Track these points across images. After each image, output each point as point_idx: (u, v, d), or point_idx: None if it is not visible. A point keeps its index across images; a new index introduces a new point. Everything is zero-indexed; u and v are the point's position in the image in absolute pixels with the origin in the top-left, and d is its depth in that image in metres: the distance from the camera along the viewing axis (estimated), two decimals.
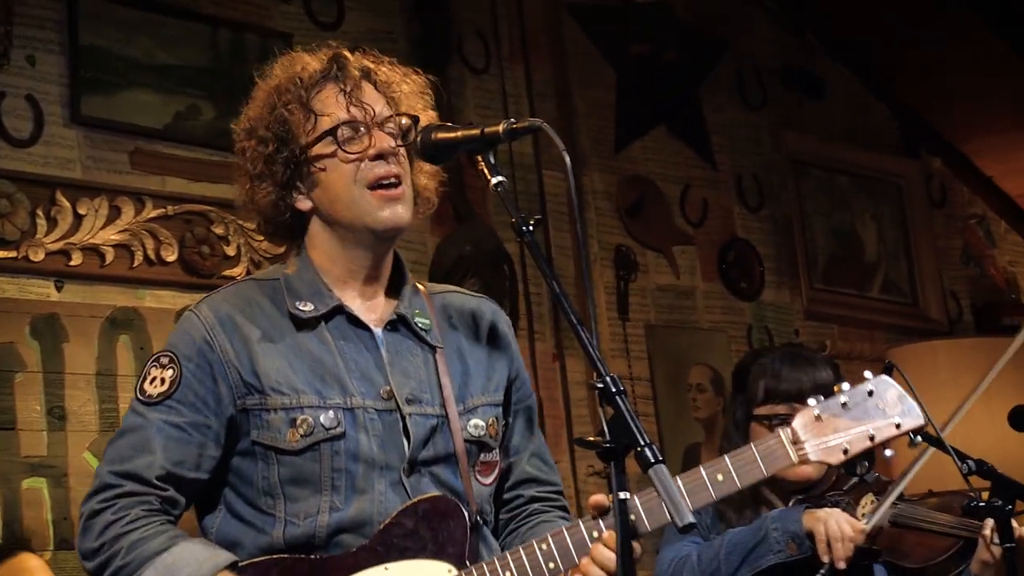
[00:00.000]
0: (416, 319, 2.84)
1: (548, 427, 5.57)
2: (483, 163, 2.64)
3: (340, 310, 2.79)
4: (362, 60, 2.85)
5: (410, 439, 2.74)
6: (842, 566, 3.67)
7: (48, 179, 4.46)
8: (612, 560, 2.57)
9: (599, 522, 2.65)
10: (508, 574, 2.65)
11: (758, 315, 6.56)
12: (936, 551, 3.84)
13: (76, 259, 4.45)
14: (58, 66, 4.58)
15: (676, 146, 6.48)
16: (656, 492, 2.24)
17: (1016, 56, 6.83)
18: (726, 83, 6.80)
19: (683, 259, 6.35)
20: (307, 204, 2.81)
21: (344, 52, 2.85)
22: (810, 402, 2.80)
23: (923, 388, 3.69)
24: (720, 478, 2.70)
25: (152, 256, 4.60)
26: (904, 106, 7.41)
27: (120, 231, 4.55)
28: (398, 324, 2.83)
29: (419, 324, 2.84)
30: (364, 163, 2.76)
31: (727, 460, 2.72)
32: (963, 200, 7.72)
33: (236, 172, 2.88)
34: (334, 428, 2.68)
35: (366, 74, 2.83)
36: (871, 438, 2.79)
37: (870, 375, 2.86)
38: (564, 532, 2.66)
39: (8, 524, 4.17)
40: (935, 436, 3.62)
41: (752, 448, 2.74)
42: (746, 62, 6.89)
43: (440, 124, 2.75)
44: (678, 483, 2.62)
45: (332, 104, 2.79)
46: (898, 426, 2.81)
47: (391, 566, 2.66)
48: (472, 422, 2.82)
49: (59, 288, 4.43)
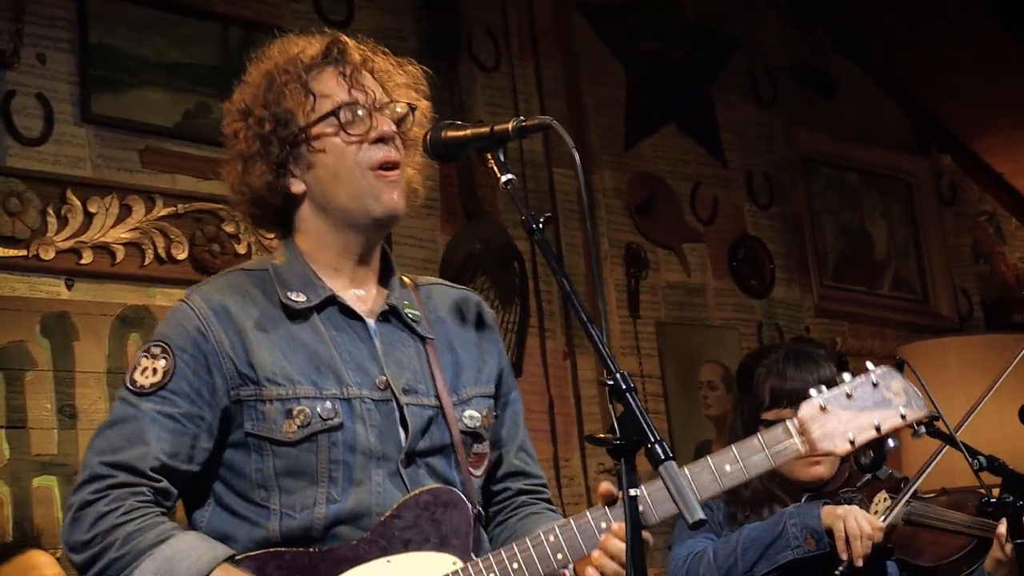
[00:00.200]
0: (406, 310, 2.82)
1: (559, 425, 5.58)
2: (493, 161, 2.63)
3: (332, 300, 2.76)
4: (360, 47, 2.84)
5: (408, 430, 2.71)
6: (860, 563, 3.66)
7: (58, 177, 4.47)
8: (623, 551, 2.56)
9: (607, 512, 2.64)
10: (516, 565, 2.62)
11: (768, 312, 6.56)
12: (950, 550, 3.83)
13: (86, 257, 4.46)
14: (68, 64, 4.59)
15: (686, 144, 6.48)
16: (666, 488, 2.24)
17: None
18: (738, 81, 6.79)
19: (693, 256, 6.35)
20: (300, 187, 2.77)
21: (343, 37, 2.84)
22: (813, 392, 2.80)
23: (934, 385, 3.69)
24: (728, 468, 2.69)
25: (162, 254, 4.61)
26: (914, 104, 7.40)
27: (130, 229, 4.56)
28: (389, 315, 2.80)
29: (410, 315, 2.82)
30: (364, 146, 2.73)
31: (734, 450, 2.71)
32: (973, 197, 7.71)
33: (226, 155, 2.83)
34: (331, 419, 2.65)
35: (364, 60, 2.82)
36: (877, 428, 2.79)
37: (873, 366, 2.86)
38: (572, 523, 2.65)
39: (19, 522, 4.18)
40: (947, 433, 3.62)
41: (759, 438, 2.73)
42: (757, 60, 6.89)
43: (450, 122, 2.73)
44: (686, 473, 2.62)
45: (333, 86, 2.77)
46: (903, 416, 2.82)
47: (394, 559, 2.63)
48: (467, 413, 2.81)
49: (69, 286, 4.44)
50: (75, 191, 4.48)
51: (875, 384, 2.82)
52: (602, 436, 2.35)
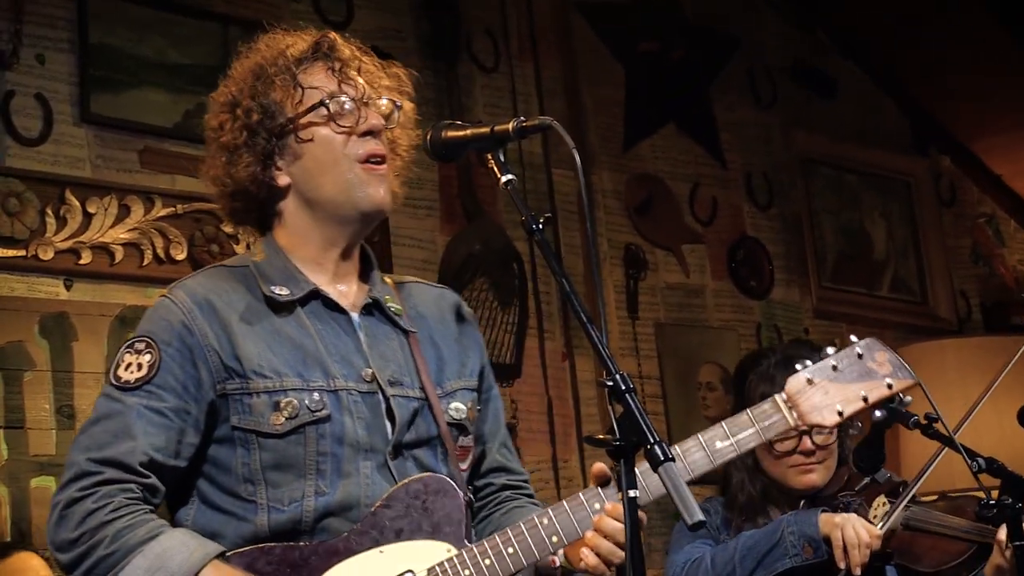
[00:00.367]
0: (388, 304, 2.82)
1: (557, 426, 5.57)
2: (493, 161, 2.63)
3: (316, 294, 2.76)
4: (348, 44, 2.85)
5: (395, 422, 2.71)
6: (858, 572, 3.66)
7: (57, 178, 4.47)
8: (618, 530, 2.58)
9: (600, 492, 2.65)
10: (511, 550, 2.62)
11: (767, 313, 6.55)
12: (949, 555, 3.82)
13: (85, 258, 4.46)
14: (68, 65, 4.59)
15: (685, 144, 6.48)
16: (666, 490, 2.24)
17: None
18: (737, 81, 6.79)
19: (692, 257, 6.35)
20: (286, 180, 2.77)
21: (331, 33, 2.85)
22: (799, 367, 2.81)
23: (932, 387, 3.69)
24: (719, 445, 2.72)
25: (161, 255, 4.61)
26: (914, 104, 7.40)
27: (129, 230, 4.56)
28: (372, 308, 2.81)
29: (392, 309, 2.82)
30: (352, 138, 2.74)
31: (724, 426, 2.74)
32: (972, 199, 7.71)
33: (209, 148, 2.83)
34: (319, 411, 2.64)
35: (352, 57, 2.83)
36: (864, 399, 2.82)
37: (856, 338, 2.88)
38: (565, 505, 2.65)
39: (16, 522, 4.18)
40: (946, 435, 3.61)
41: (748, 413, 2.76)
42: (757, 60, 6.89)
43: (450, 122, 2.74)
44: (678, 451, 2.66)
45: (322, 79, 2.78)
46: (890, 386, 2.85)
47: (387, 549, 2.62)
48: (453, 405, 2.82)
49: (68, 287, 4.44)
50: (74, 191, 4.48)
51: (860, 355, 2.87)
52: (601, 437, 2.35)
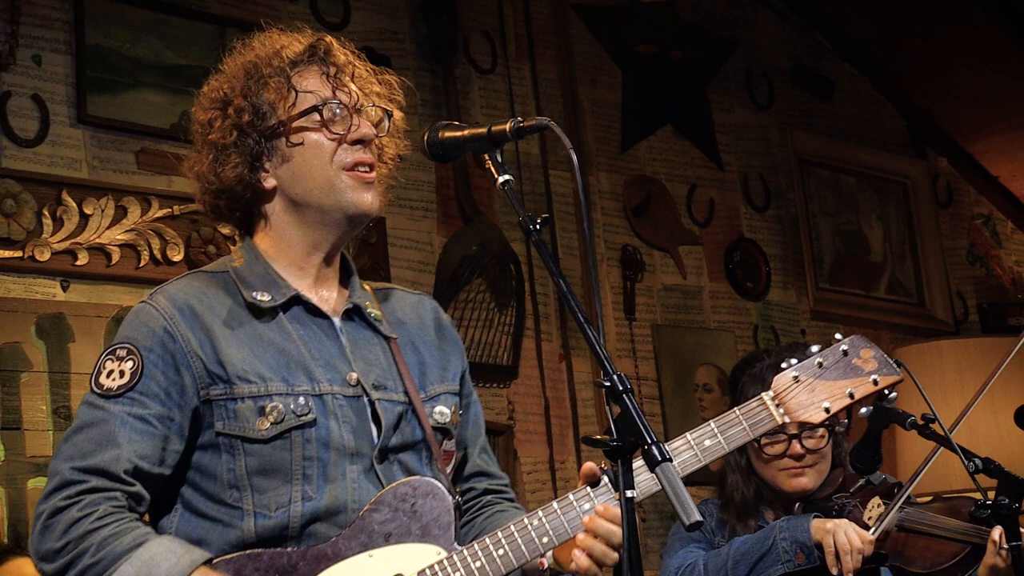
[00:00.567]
0: (369, 310, 2.82)
1: (555, 427, 5.57)
2: (490, 162, 2.63)
3: (297, 300, 2.75)
4: (343, 49, 2.85)
5: (380, 425, 2.70)
6: None
7: (54, 179, 4.47)
8: (611, 531, 2.59)
9: (590, 492, 2.65)
10: (502, 551, 2.62)
11: (764, 315, 6.55)
12: (943, 556, 3.82)
13: (82, 259, 4.45)
14: (64, 66, 4.59)
15: (682, 146, 6.48)
16: (664, 490, 2.24)
17: (1023, 54, 6.82)
18: (734, 83, 6.79)
19: (689, 259, 6.35)
20: (272, 182, 2.75)
21: (327, 37, 2.85)
22: (785, 365, 2.82)
23: (929, 388, 3.71)
24: (708, 443, 2.75)
25: (158, 256, 4.60)
26: (911, 106, 7.40)
27: (126, 231, 4.56)
28: (353, 314, 2.80)
29: (372, 315, 2.82)
30: (343, 145, 2.74)
31: (713, 425, 2.77)
32: (969, 200, 7.71)
33: (195, 143, 2.81)
34: (305, 415, 2.63)
35: (347, 63, 2.82)
36: (851, 395, 2.84)
37: (841, 336, 2.89)
38: (555, 506, 2.65)
39: (13, 524, 4.18)
40: (943, 435, 3.62)
41: (736, 412, 2.79)
42: (754, 62, 6.88)
43: (447, 123, 2.73)
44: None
45: (316, 84, 2.77)
46: (875, 382, 2.87)
47: (376, 552, 2.61)
48: (437, 409, 2.82)
49: (65, 288, 4.43)
50: (71, 192, 4.48)
51: (845, 352, 2.88)
52: (599, 438, 2.35)
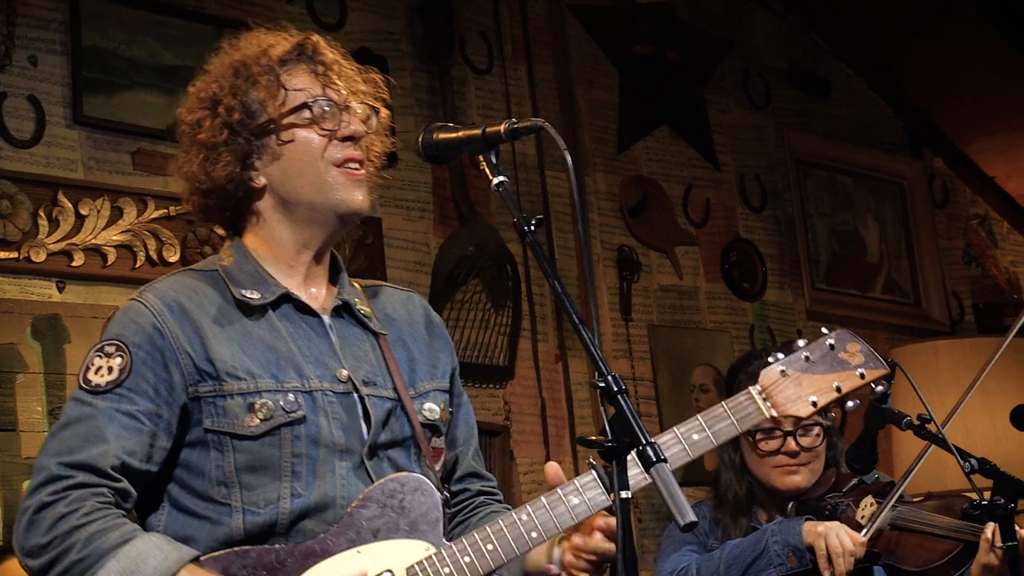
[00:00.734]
0: (358, 307, 2.82)
1: (551, 427, 5.57)
2: (485, 163, 2.63)
3: (287, 297, 2.75)
4: (330, 47, 2.85)
5: (370, 422, 2.71)
6: None
7: (50, 180, 4.46)
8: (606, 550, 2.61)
9: (578, 486, 2.66)
10: (491, 547, 2.62)
11: (761, 315, 6.56)
12: (936, 554, 3.83)
13: (78, 260, 4.45)
14: (60, 67, 4.58)
15: (679, 146, 6.48)
16: (658, 491, 2.24)
17: (1019, 55, 6.83)
18: (731, 83, 6.79)
19: (686, 259, 6.35)
20: (263, 180, 2.75)
21: (314, 35, 2.85)
22: (772, 359, 2.83)
23: (925, 388, 3.72)
24: (696, 437, 2.73)
25: (154, 257, 4.60)
26: (907, 107, 7.40)
27: (122, 232, 4.56)
28: (342, 311, 2.81)
29: (361, 312, 2.82)
30: (333, 142, 2.74)
31: (700, 419, 2.75)
32: (965, 200, 7.71)
33: (183, 143, 2.81)
34: (294, 412, 2.63)
35: (335, 61, 2.83)
36: (838, 389, 2.83)
37: (827, 330, 2.89)
38: (543, 501, 2.66)
39: (8, 525, 4.17)
40: (939, 436, 3.62)
41: (724, 406, 2.78)
42: (751, 62, 6.89)
43: (442, 124, 2.74)
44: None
45: (306, 81, 2.78)
46: (862, 375, 2.86)
47: (364, 548, 2.61)
48: (426, 406, 2.82)
49: (61, 289, 4.43)
50: (67, 193, 4.47)
51: (832, 346, 2.87)
52: (594, 438, 2.35)
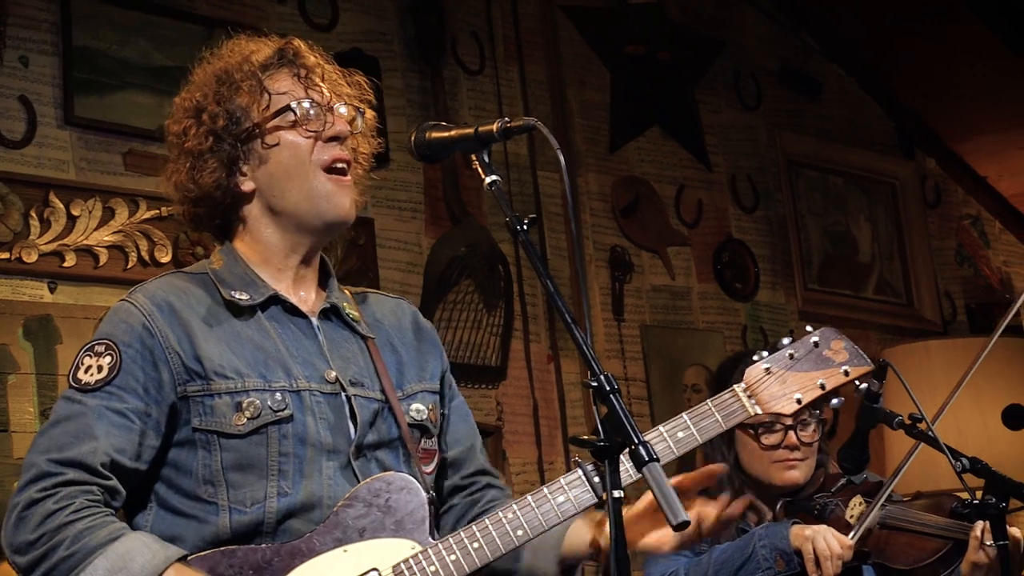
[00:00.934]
0: (346, 311, 2.84)
1: (543, 428, 5.57)
2: (477, 162, 2.63)
3: (275, 299, 2.77)
4: (312, 52, 2.87)
5: (357, 422, 2.72)
6: None
7: (41, 180, 4.45)
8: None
9: (564, 485, 2.67)
10: (476, 545, 2.63)
11: (753, 316, 6.56)
12: (926, 552, 3.84)
13: (70, 260, 4.44)
14: (51, 67, 4.58)
15: (671, 147, 6.47)
16: (651, 490, 2.24)
17: (1011, 55, 6.84)
18: (722, 84, 6.79)
19: (678, 260, 6.35)
20: (250, 186, 2.77)
21: (296, 40, 2.87)
22: (756, 357, 2.83)
23: (917, 388, 3.72)
24: (681, 435, 2.74)
25: (146, 257, 4.60)
26: (899, 107, 7.41)
27: (114, 232, 4.55)
28: (330, 313, 2.83)
29: (350, 316, 2.84)
30: (318, 144, 2.76)
31: (685, 417, 2.77)
32: (957, 200, 7.72)
33: (171, 154, 2.83)
34: (282, 411, 2.65)
35: (316, 64, 2.84)
36: (822, 386, 2.85)
37: (811, 328, 2.90)
38: (530, 499, 2.67)
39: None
40: (931, 435, 3.63)
41: (709, 404, 2.80)
42: (742, 63, 6.89)
43: (434, 123, 2.75)
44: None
45: (288, 85, 2.79)
46: (846, 373, 2.88)
47: (350, 548, 2.62)
48: (413, 406, 2.83)
49: (52, 289, 4.42)
50: (58, 194, 4.46)
51: (816, 344, 2.90)
52: (586, 438, 2.36)
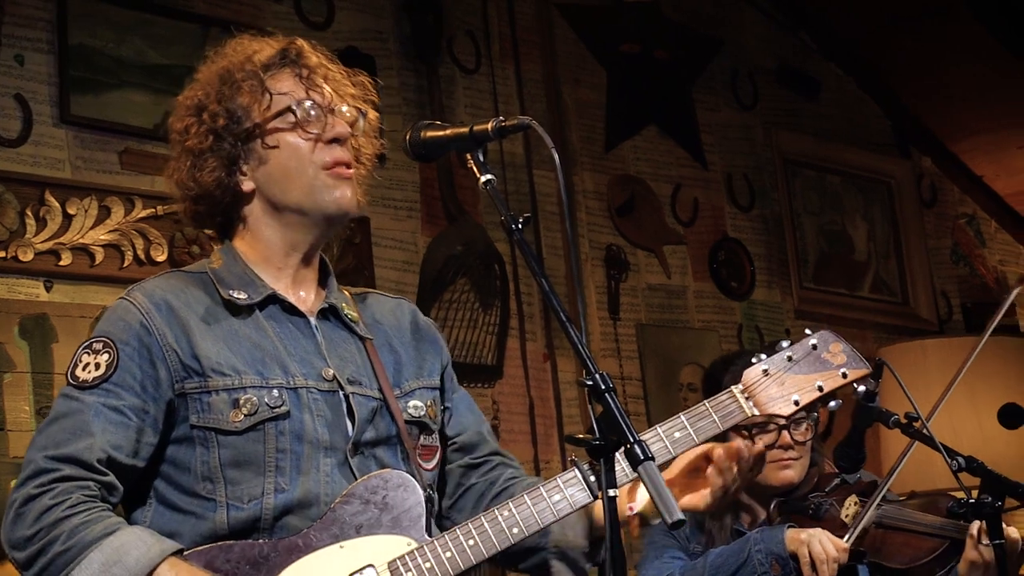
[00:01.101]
0: (345, 311, 2.85)
1: (539, 426, 5.57)
2: (472, 161, 2.64)
3: (274, 298, 2.78)
4: (315, 52, 2.87)
5: (354, 420, 2.73)
6: None
7: (37, 179, 4.45)
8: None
9: (559, 482, 2.67)
10: (472, 542, 2.63)
11: (749, 314, 6.56)
12: (922, 552, 3.84)
13: (65, 259, 4.44)
14: (47, 65, 4.57)
15: (667, 145, 6.48)
16: (646, 489, 2.24)
17: (1008, 55, 6.84)
18: (719, 83, 6.80)
19: (674, 258, 6.35)
20: (250, 185, 2.78)
21: (299, 40, 2.87)
22: (755, 359, 2.83)
23: (913, 387, 3.72)
24: (677, 435, 2.73)
25: (142, 256, 4.60)
26: (896, 106, 7.41)
27: (110, 231, 4.55)
28: (328, 313, 2.84)
29: (348, 316, 2.85)
30: (319, 145, 2.76)
31: (682, 417, 2.76)
32: (953, 199, 7.73)
33: (173, 151, 2.84)
34: (278, 407, 2.66)
35: (319, 65, 2.84)
36: (820, 388, 2.83)
37: (810, 331, 2.90)
38: (525, 497, 2.68)
39: None
40: (926, 434, 3.63)
41: (706, 404, 2.78)
42: (739, 62, 6.89)
43: (429, 122, 2.75)
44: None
45: (290, 85, 2.79)
46: (844, 375, 2.86)
47: (347, 544, 2.63)
48: (411, 403, 2.83)
49: (48, 288, 4.42)
50: (54, 192, 4.46)
51: (815, 346, 2.87)
52: (581, 436, 2.36)
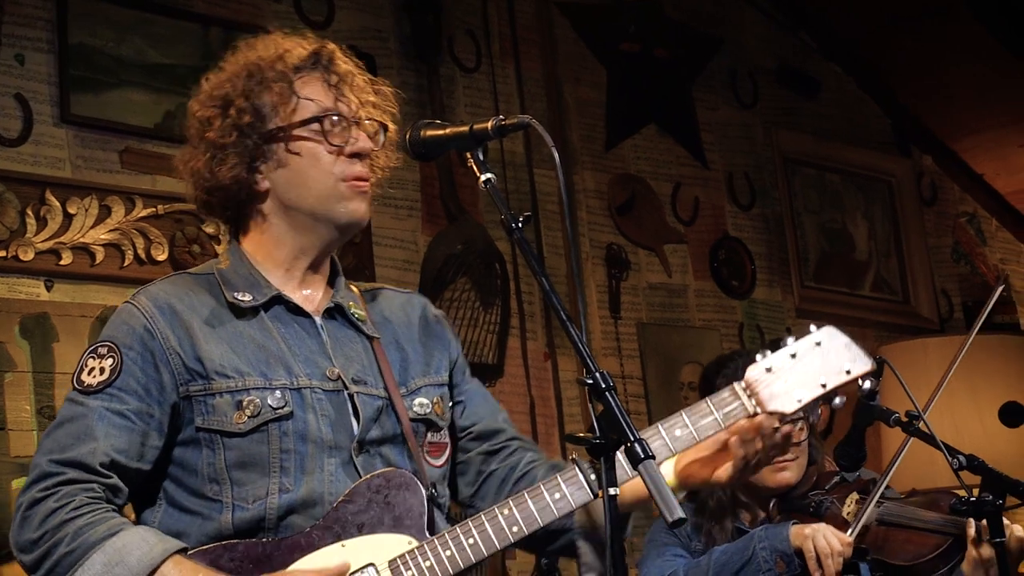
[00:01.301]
0: (352, 310, 2.85)
1: (540, 425, 5.57)
2: (472, 160, 2.64)
3: (279, 299, 2.79)
4: (344, 59, 2.87)
5: (359, 419, 2.74)
6: None
7: (38, 178, 4.45)
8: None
9: (559, 481, 2.67)
10: (471, 540, 2.64)
11: (749, 313, 6.56)
12: (926, 548, 3.83)
13: (66, 258, 4.44)
14: (47, 65, 4.57)
15: (667, 144, 6.48)
16: (646, 487, 2.24)
17: (1008, 54, 6.84)
18: (719, 82, 6.80)
19: (675, 257, 6.35)
20: (266, 184, 2.79)
21: (330, 44, 2.87)
22: (758, 356, 2.82)
23: (914, 385, 3.72)
24: (678, 433, 2.72)
25: (142, 255, 4.60)
26: (896, 105, 7.41)
27: (110, 230, 4.55)
28: (335, 312, 2.84)
29: (355, 315, 2.85)
30: (340, 158, 2.77)
31: (684, 415, 2.74)
32: (954, 198, 7.72)
33: (191, 136, 2.85)
34: (281, 408, 2.67)
35: (348, 73, 2.85)
36: (823, 385, 2.81)
37: (814, 328, 2.88)
38: (525, 495, 2.68)
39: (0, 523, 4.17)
40: (927, 432, 3.63)
41: (708, 402, 2.76)
42: (739, 60, 6.89)
43: (429, 121, 2.76)
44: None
45: (318, 92, 2.80)
46: (848, 372, 2.83)
47: (348, 543, 2.64)
48: (417, 401, 2.84)
49: (49, 288, 4.42)
50: (54, 192, 4.46)
51: (818, 343, 2.85)
52: (582, 435, 2.36)
